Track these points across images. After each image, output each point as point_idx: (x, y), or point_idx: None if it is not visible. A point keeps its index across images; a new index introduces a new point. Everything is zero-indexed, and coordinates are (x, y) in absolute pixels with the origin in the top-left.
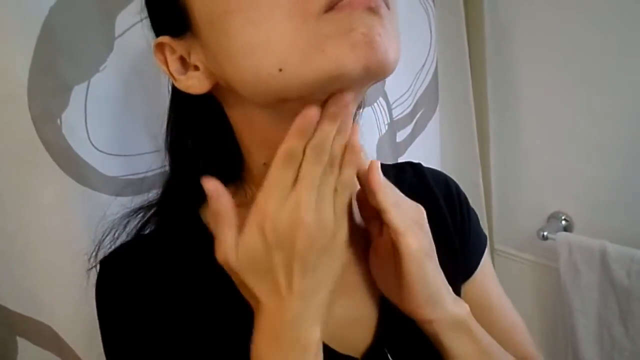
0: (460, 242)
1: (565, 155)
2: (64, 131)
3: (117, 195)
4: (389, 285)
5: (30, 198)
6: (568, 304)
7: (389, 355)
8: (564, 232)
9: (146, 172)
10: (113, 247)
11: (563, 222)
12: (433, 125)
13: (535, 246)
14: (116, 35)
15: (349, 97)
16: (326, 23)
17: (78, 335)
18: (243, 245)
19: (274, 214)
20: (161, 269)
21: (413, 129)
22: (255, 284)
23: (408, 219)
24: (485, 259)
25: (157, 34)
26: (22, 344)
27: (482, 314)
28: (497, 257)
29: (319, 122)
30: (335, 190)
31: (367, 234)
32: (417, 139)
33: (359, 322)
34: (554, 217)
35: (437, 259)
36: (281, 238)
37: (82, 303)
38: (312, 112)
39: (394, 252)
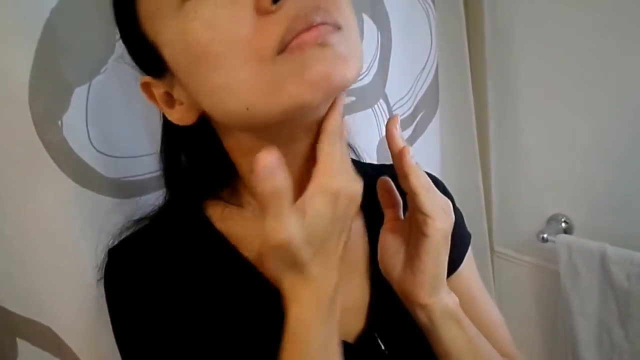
0: None
1: (565, 157)
2: (64, 133)
3: (118, 197)
4: (394, 266)
5: (30, 199)
6: (568, 306)
7: (379, 340)
8: (564, 235)
9: (147, 174)
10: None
11: (563, 225)
12: (433, 127)
13: (535, 248)
14: (117, 37)
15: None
16: (282, 65)
17: (78, 337)
18: (315, 215)
19: (345, 186)
20: (168, 257)
21: (413, 131)
22: (310, 257)
23: (437, 204)
24: (469, 257)
25: (143, 72)
26: (22, 345)
27: (465, 309)
28: (497, 259)
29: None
30: None
31: (358, 222)
32: (418, 141)
33: (351, 309)
34: (553, 219)
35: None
36: (347, 207)
37: (82, 304)
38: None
39: (413, 235)
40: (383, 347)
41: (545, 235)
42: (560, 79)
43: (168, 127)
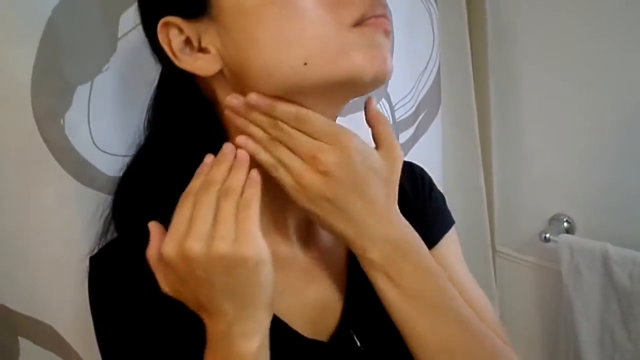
0: (420, 217)
1: (568, 157)
2: (66, 131)
3: None
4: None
5: (32, 198)
6: (570, 306)
7: (355, 337)
8: (566, 234)
9: None
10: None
11: (565, 224)
12: (435, 127)
13: (537, 248)
14: (119, 35)
15: (227, 148)
16: (354, 35)
17: (79, 335)
18: (163, 285)
19: (170, 252)
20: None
21: (415, 131)
22: (192, 308)
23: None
24: (452, 240)
25: (162, 14)
26: (24, 344)
27: None
28: (499, 259)
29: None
30: (238, 212)
31: None
32: (420, 141)
33: (327, 308)
34: (555, 219)
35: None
36: (185, 270)
37: (84, 303)
38: (207, 159)
39: None
40: (359, 344)
41: (547, 235)
42: (562, 78)
43: (167, 83)
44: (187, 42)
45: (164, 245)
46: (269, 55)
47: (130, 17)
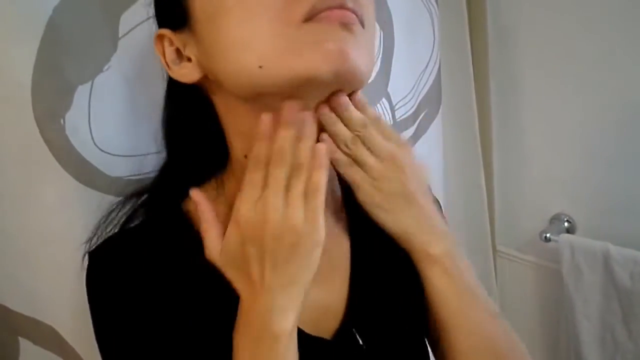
0: None
1: (568, 156)
2: (67, 131)
3: (120, 195)
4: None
5: (32, 198)
6: (570, 306)
7: (357, 335)
8: (567, 234)
9: (149, 172)
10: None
11: (566, 224)
12: (436, 127)
13: (538, 248)
14: (120, 35)
15: (297, 105)
16: (305, 32)
17: (80, 336)
18: (224, 242)
19: (246, 213)
20: (148, 259)
21: (416, 130)
22: (234, 278)
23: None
24: None
25: (160, 26)
26: (24, 344)
27: None
28: (499, 258)
29: (278, 129)
30: (307, 194)
31: (340, 220)
32: (420, 140)
33: (330, 306)
34: (556, 218)
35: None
36: (252, 234)
37: (84, 303)
38: (266, 119)
39: None
40: (361, 343)
41: (547, 235)
42: (563, 78)
43: (171, 95)
44: (178, 52)
45: (242, 204)
46: (230, 61)
47: (131, 17)
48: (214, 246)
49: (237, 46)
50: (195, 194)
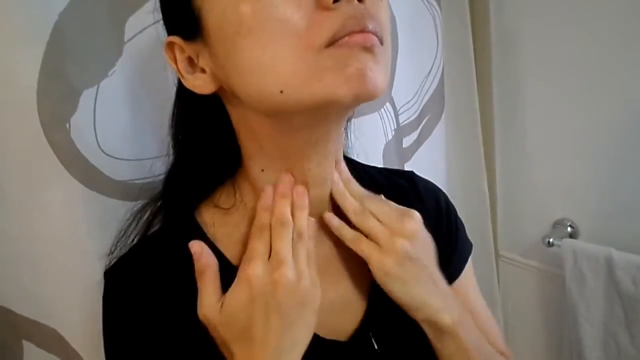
0: (445, 251)
1: (571, 161)
2: (72, 135)
3: (125, 199)
4: None
5: (38, 202)
6: (573, 311)
7: (372, 340)
8: (570, 239)
9: (154, 176)
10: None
11: (568, 229)
12: (439, 131)
13: (541, 253)
14: (125, 39)
15: (291, 180)
16: (326, 57)
17: (84, 339)
18: (230, 299)
19: (259, 274)
20: (162, 276)
21: (419, 135)
22: (231, 339)
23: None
24: (469, 266)
25: (169, 33)
26: (28, 347)
27: None
28: (502, 263)
29: (274, 200)
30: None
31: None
32: (423, 145)
33: (347, 308)
34: (559, 223)
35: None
36: (262, 292)
37: (88, 307)
38: (267, 191)
39: None
40: (376, 347)
41: (550, 240)
42: (565, 83)
43: (181, 99)
44: (190, 61)
45: (253, 265)
46: (250, 83)
47: (137, 22)
48: (211, 304)
49: (257, 70)
50: (196, 245)
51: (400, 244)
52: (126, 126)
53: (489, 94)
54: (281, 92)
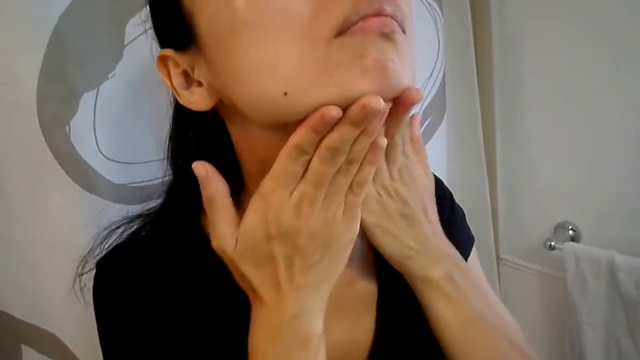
0: (448, 236)
1: (573, 165)
2: (72, 138)
3: (125, 203)
4: None
5: (37, 205)
6: (575, 314)
7: None
8: (571, 242)
9: (154, 179)
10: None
11: (570, 232)
12: (440, 134)
13: (542, 256)
14: (125, 43)
15: (378, 104)
16: (336, 48)
17: (83, 344)
18: (243, 232)
19: (279, 205)
20: (158, 269)
21: None
22: (253, 275)
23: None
24: (474, 258)
25: (161, 46)
26: (27, 352)
27: None
28: (504, 266)
29: (339, 123)
30: (351, 188)
31: (367, 253)
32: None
33: (355, 343)
34: (561, 227)
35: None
36: (283, 230)
37: (88, 312)
38: (333, 112)
39: None
40: None
41: (552, 243)
42: (567, 86)
43: (180, 114)
44: (186, 75)
45: (273, 193)
46: (249, 88)
47: (137, 25)
48: (226, 236)
49: (257, 71)
50: (202, 167)
51: (394, 199)
52: (126, 129)
53: (491, 97)
54: (285, 94)
